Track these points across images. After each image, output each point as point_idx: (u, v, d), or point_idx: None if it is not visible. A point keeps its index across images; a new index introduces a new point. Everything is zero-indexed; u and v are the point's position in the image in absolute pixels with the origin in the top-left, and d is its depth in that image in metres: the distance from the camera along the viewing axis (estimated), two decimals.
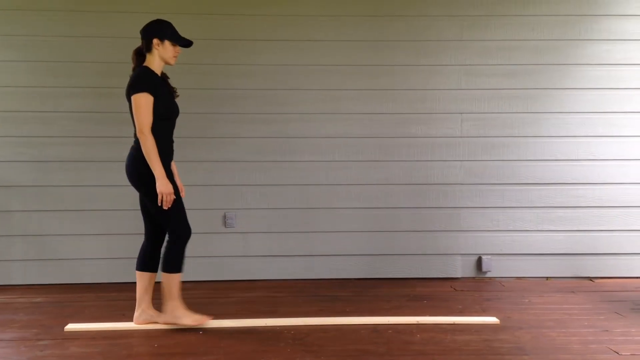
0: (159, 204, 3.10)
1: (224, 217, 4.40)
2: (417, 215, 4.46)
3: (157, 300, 3.35)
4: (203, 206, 4.36)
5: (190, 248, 4.33)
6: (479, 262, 4.48)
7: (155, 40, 3.19)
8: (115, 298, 3.96)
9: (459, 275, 4.50)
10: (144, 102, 3.09)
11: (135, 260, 4.32)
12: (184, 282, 4.30)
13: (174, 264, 3.22)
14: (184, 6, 4.33)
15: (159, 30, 3.21)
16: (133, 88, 3.11)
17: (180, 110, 4.30)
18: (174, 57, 3.26)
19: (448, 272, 4.49)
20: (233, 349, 2.95)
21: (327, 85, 4.39)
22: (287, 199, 4.42)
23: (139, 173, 3.15)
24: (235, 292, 4.08)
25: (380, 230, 4.45)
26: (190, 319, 3.26)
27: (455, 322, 3.38)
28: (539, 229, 4.48)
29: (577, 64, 4.45)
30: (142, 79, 3.14)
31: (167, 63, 3.27)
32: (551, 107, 4.46)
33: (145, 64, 3.22)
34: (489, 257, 4.47)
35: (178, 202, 3.20)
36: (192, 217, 4.31)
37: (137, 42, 4.26)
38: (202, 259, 4.39)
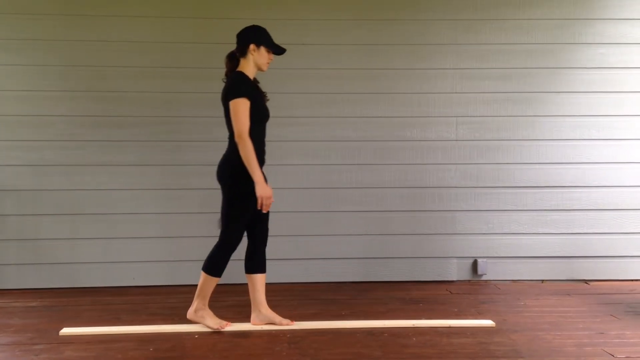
0: (259, 208, 3.15)
1: (219, 220, 4.38)
2: (412, 219, 4.47)
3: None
4: (199, 210, 4.36)
5: (186, 252, 4.38)
6: (474, 265, 4.49)
7: (251, 46, 3.23)
8: (110, 302, 3.95)
9: (454, 278, 4.50)
10: (242, 107, 3.12)
11: (126, 264, 4.36)
12: (181, 286, 4.32)
13: (215, 268, 3.27)
14: (179, 9, 4.33)
15: (256, 35, 3.26)
16: (232, 93, 3.15)
17: (177, 115, 4.36)
18: (267, 63, 3.31)
19: (444, 275, 4.50)
20: (229, 353, 2.95)
21: (322, 89, 4.40)
22: (282, 202, 4.39)
23: (231, 176, 3.19)
24: (230, 296, 4.07)
25: (375, 234, 4.45)
26: (213, 322, 3.30)
27: (451, 325, 3.38)
28: (534, 231, 4.49)
29: (571, 67, 4.47)
30: (240, 84, 3.18)
31: (259, 69, 3.31)
32: (545, 110, 4.47)
33: (239, 69, 3.26)
34: (485, 260, 4.48)
35: (248, 210, 3.21)
36: (187, 221, 4.36)
37: (130, 46, 4.33)
38: (198, 263, 4.35)
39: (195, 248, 4.37)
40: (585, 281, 4.50)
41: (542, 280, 4.51)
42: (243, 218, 3.25)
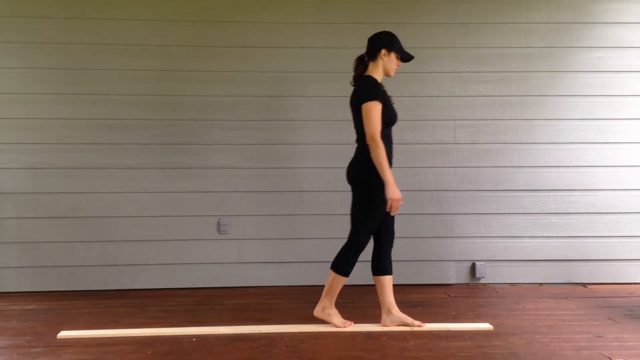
0: (388, 210, 3.19)
1: (218, 223, 4.39)
2: (410, 222, 4.46)
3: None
4: (197, 213, 4.36)
5: (185, 255, 4.38)
6: (472, 269, 4.49)
7: (383, 51, 3.29)
8: (108, 305, 3.95)
9: (452, 282, 4.50)
10: (375, 110, 3.18)
11: (124, 267, 4.35)
12: (179, 289, 4.32)
13: (344, 267, 3.34)
14: (177, 13, 4.33)
15: (389, 41, 3.32)
16: (365, 96, 3.20)
17: (175, 118, 4.36)
18: (395, 69, 3.36)
19: (442, 278, 4.50)
20: (227, 356, 2.95)
21: (320, 92, 4.39)
22: (281, 205, 4.42)
23: (364, 177, 3.25)
24: (229, 299, 4.08)
25: None
26: (339, 321, 3.39)
27: (449, 329, 3.39)
28: (533, 235, 4.50)
29: (570, 71, 4.48)
30: (373, 88, 3.24)
31: (386, 74, 3.35)
32: (544, 113, 4.48)
33: (367, 73, 3.32)
34: (483, 263, 4.48)
35: (380, 212, 3.25)
36: (186, 224, 4.37)
37: (129, 49, 4.33)
38: (196, 266, 4.39)
39: (194, 251, 4.38)
40: (584, 284, 4.50)
41: (541, 284, 4.51)
42: (374, 221, 3.29)
